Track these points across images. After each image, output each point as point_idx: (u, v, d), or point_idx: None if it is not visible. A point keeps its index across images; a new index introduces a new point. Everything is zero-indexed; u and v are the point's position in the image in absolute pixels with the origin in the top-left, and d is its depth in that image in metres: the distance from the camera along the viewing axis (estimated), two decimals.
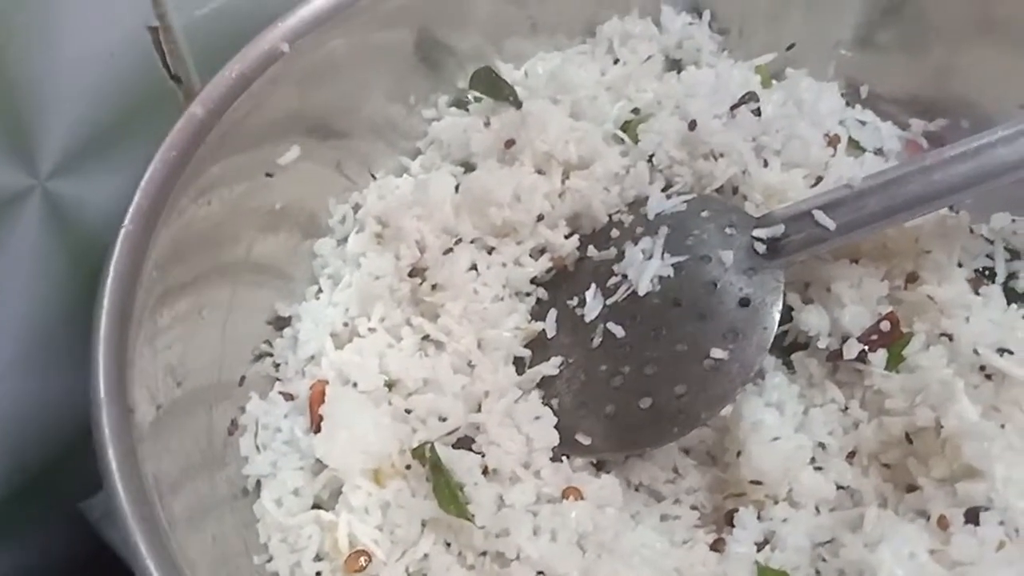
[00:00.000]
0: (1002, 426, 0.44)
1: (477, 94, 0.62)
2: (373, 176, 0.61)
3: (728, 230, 0.52)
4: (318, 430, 0.48)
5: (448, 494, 0.44)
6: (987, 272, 0.53)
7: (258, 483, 0.48)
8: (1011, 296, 0.52)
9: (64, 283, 0.54)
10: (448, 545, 0.45)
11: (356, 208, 0.59)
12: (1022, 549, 0.40)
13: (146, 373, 0.42)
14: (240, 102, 0.51)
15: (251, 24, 0.52)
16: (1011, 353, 0.46)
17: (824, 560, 0.45)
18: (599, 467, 0.50)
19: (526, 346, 0.53)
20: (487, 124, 0.60)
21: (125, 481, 0.37)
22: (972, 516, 0.41)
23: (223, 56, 0.51)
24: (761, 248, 0.51)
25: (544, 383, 0.52)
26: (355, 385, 0.50)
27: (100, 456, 0.38)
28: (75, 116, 0.50)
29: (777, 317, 0.49)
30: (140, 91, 0.53)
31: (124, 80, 0.52)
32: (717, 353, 0.48)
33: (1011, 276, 0.53)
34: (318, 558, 0.46)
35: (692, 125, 0.56)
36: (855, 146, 0.61)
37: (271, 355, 0.54)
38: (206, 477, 0.46)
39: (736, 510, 0.48)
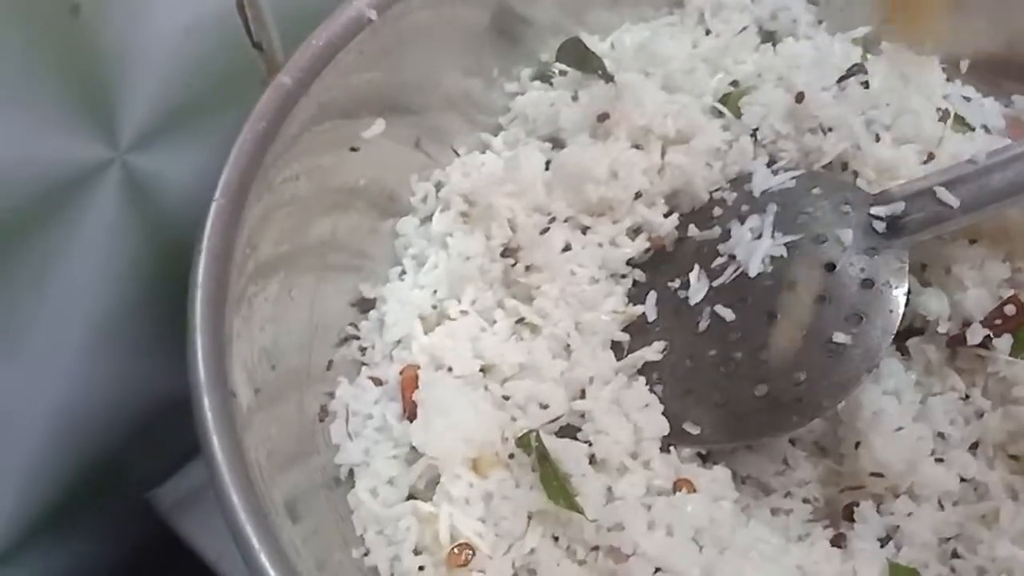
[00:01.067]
0: None
1: (563, 67, 0.59)
2: (456, 153, 0.58)
3: (844, 208, 0.49)
4: (412, 417, 0.45)
5: (556, 485, 0.42)
6: None
7: (351, 472, 0.46)
8: None
9: (142, 262, 0.51)
10: (556, 539, 0.43)
11: (439, 186, 0.57)
12: None
13: (244, 355, 0.40)
14: (327, 72, 0.48)
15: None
16: None
17: (959, 557, 0.42)
18: (705, 458, 0.48)
19: (624, 330, 0.51)
20: (575, 98, 0.57)
21: (232, 470, 0.35)
22: None
23: (307, 24, 0.49)
24: (880, 227, 0.48)
25: (646, 369, 0.49)
26: (450, 370, 0.47)
27: (204, 444, 0.35)
28: (158, 88, 0.48)
29: (903, 300, 0.46)
30: (221, 64, 0.51)
31: (206, 52, 0.50)
32: (839, 337, 0.45)
33: None
34: (417, 552, 0.43)
35: (800, 97, 0.53)
36: (961, 122, 0.57)
37: (357, 338, 0.51)
38: (301, 467, 0.43)
39: (856, 504, 0.45)
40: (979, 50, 0.61)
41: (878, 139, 0.53)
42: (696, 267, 0.51)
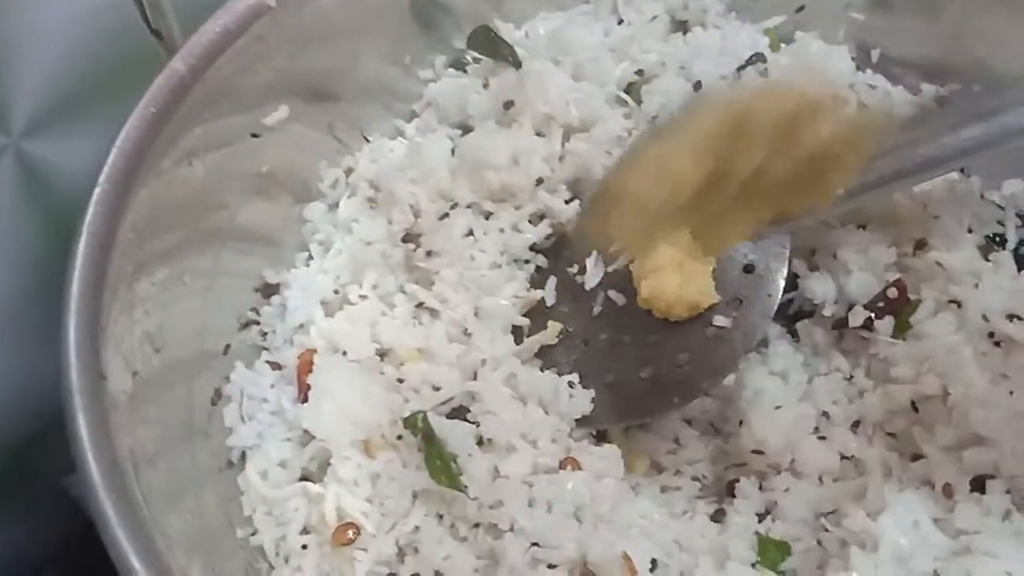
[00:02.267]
0: (1011, 393, 0.43)
1: (475, 54, 0.60)
2: (366, 139, 0.58)
3: None
4: (305, 400, 0.46)
5: (440, 465, 0.43)
6: (997, 238, 0.52)
7: (243, 455, 0.47)
8: (1021, 262, 0.51)
9: (39, 249, 0.51)
10: (440, 517, 0.44)
11: (348, 172, 0.57)
12: None
13: (121, 339, 0.40)
14: (224, 59, 0.48)
15: None
16: (1020, 319, 0.45)
17: (827, 530, 0.44)
18: (599, 438, 0.49)
19: (525, 315, 0.52)
20: (486, 85, 0.58)
21: (96, 451, 0.35)
22: (978, 484, 0.41)
23: (207, 10, 0.49)
24: None
25: (543, 352, 0.50)
26: (345, 354, 0.48)
27: (69, 424, 0.36)
28: (50, 73, 0.48)
29: (782, 284, 0.47)
30: (120, 49, 0.51)
31: (103, 37, 0.50)
32: (720, 321, 0.46)
33: (1022, 242, 0.52)
34: (305, 531, 0.44)
35: (697, 86, 0.54)
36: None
37: (258, 323, 0.52)
38: (187, 448, 0.44)
39: (737, 480, 0.47)
40: (895, 46, 0.62)
41: None
42: (594, 253, 0.52)
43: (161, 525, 0.36)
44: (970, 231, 0.51)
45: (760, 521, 0.45)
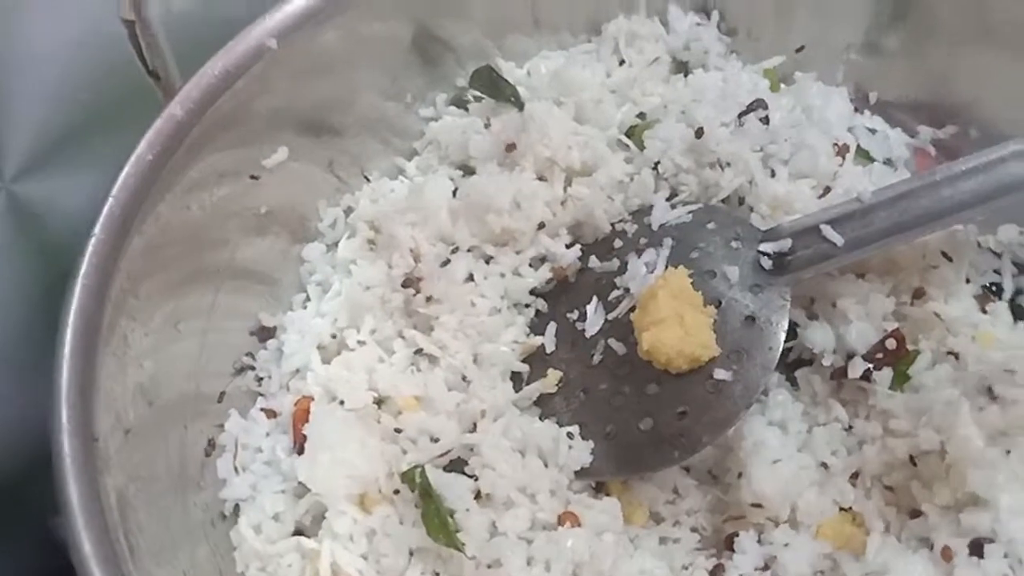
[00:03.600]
0: (1008, 452, 0.43)
1: (477, 93, 0.59)
2: (366, 178, 0.58)
3: (734, 243, 0.50)
4: (301, 451, 0.45)
5: (437, 522, 0.43)
6: (994, 288, 0.52)
7: (236, 508, 0.46)
8: (1017, 313, 0.51)
9: (30, 291, 0.51)
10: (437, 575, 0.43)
11: (348, 212, 0.57)
12: None
13: (113, 396, 0.40)
14: (223, 101, 0.48)
15: (237, 16, 0.49)
16: (1012, 373, 0.45)
17: None
18: (598, 488, 0.49)
19: (524, 360, 0.51)
20: (487, 125, 0.58)
21: (85, 514, 0.34)
22: (976, 548, 0.40)
23: (207, 51, 0.48)
24: (767, 264, 0.49)
25: (542, 400, 0.50)
26: (342, 403, 0.47)
27: (60, 488, 0.35)
28: (42, 114, 0.47)
29: (782, 337, 0.47)
30: (115, 88, 0.50)
31: (97, 77, 0.49)
32: (720, 374, 0.46)
33: (1018, 292, 0.52)
34: None
35: (699, 133, 0.54)
36: (864, 155, 0.59)
37: (254, 368, 0.51)
38: (179, 502, 0.43)
39: (736, 534, 0.47)
40: (892, 88, 0.63)
41: (773, 174, 0.54)
42: (594, 299, 0.51)
43: None
44: (968, 281, 0.52)
45: None
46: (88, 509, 0.35)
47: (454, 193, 0.55)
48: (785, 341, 0.50)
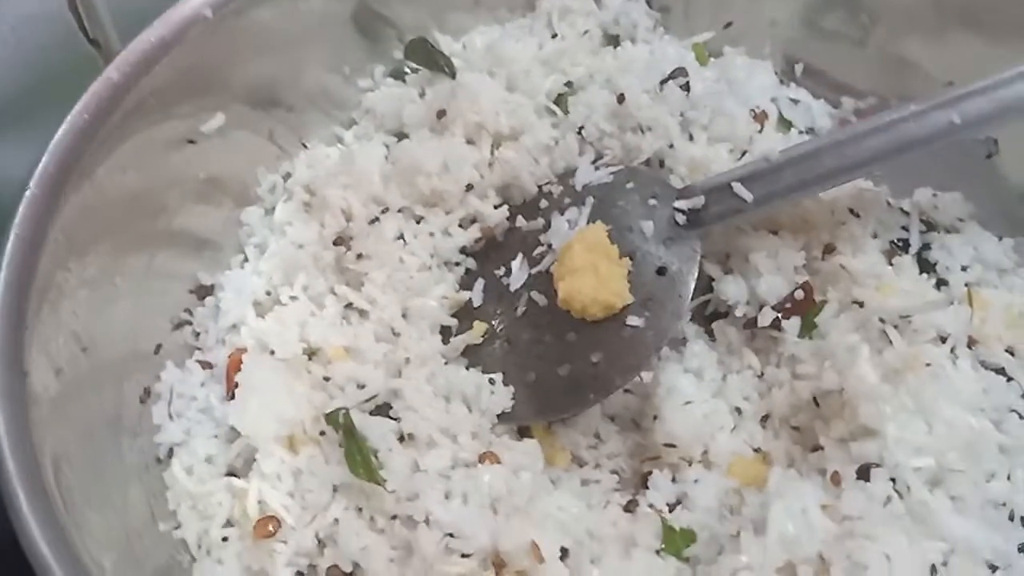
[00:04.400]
0: (897, 388, 0.46)
1: (413, 65, 0.62)
2: (304, 145, 0.60)
3: (651, 201, 0.53)
4: (233, 398, 0.47)
5: (359, 459, 0.45)
6: (901, 243, 0.55)
7: (171, 452, 0.48)
8: (923, 266, 0.54)
9: None
10: (360, 510, 0.45)
11: (286, 177, 0.59)
12: (908, 505, 0.41)
13: (47, 338, 0.42)
14: (160, 67, 0.50)
15: None
16: (908, 317, 0.48)
17: (727, 518, 0.46)
18: (523, 433, 0.51)
19: (453, 315, 0.53)
20: (422, 95, 0.60)
21: (14, 448, 0.36)
22: (863, 473, 0.43)
23: (146, 19, 0.50)
24: (682, 219, 0.52)
25: (469, 351, 0.52)
26: (273, 353, 0.49)
27: None
28: None
29: (692, 285, 0.50)
30: (57, 58, 0.52)
31: (37, 46, 0.51)
32: (633, 321, 0.49)
33: (926, 247, 0.54)
34: (228, 524, 0.45)
35: (620, 99, 0.56)
36: (784, 124, 0.62)
37: (191, 324, 0.53)
38: (113, 446, 0.45)
39: (651, 472, 0.49)
40: (821, 61, 0.65)
41: (692, 138, 0.56)
42: (519, 255, 0.54)
43: (77, 519, 0.38)
44: (875, 236, 0.54)
45: (671, 510, 0.47)
46: (18, 443, 0.36)
47: (386, 159, 0.57)
48: (703, 294, 0.53)
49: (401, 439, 0.47)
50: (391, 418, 0.47)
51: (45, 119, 0.52)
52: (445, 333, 0.53)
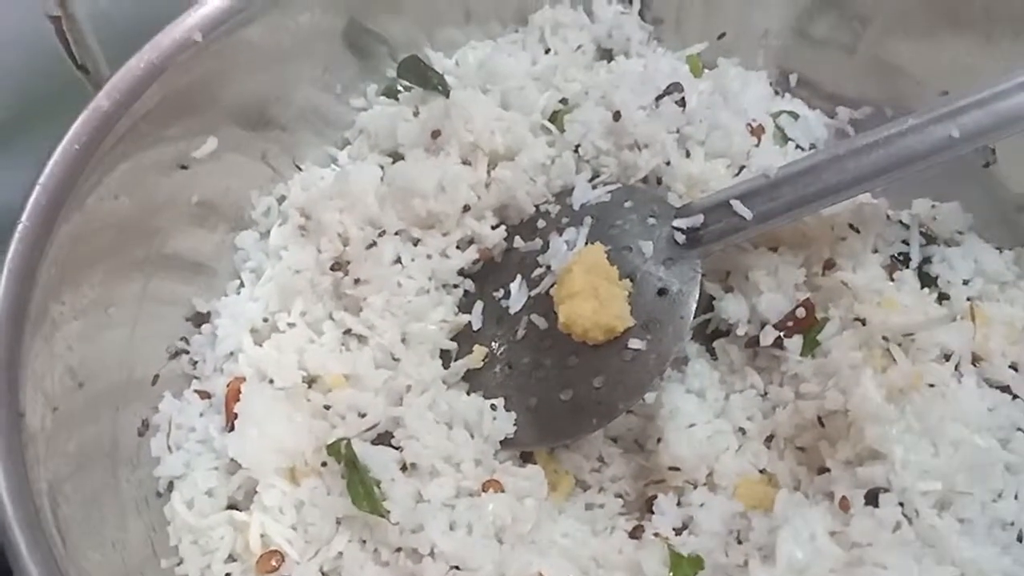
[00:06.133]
0: (904, 409, 0.45)
1: (406, 83, 0.61)
2: (299, 167, 0.60)
3: (650, 220, 0.52)
4: (233, 429, 0.47)
5: (362, 491, 0.44)
6: (902, 257, 0.54)
7: (170, 485, 0.47)
8: (925, 280, 0.53)
9: None
10: (364, 543, 0.45)
11: (281, 200, 0.58)
12: (918, 529, 0.41)
13: (41, 375, 0.41)
14: (150, 93, 0.49)
15: (165, 10, 0.50)
16: (911, 335, 0.47)
17: (739, 543, 0.46)
18: (525, 458, 0.50)
19: (453, 339, 0.53)
20: (416, 114, 0.59)
21: (11, 486, 0.36)
22: (871, 498, 0.43)
23: (135, 44, 0.50)
24: (681, 238, 0.51)
25: (469, 376, 0.52)
26: (272, 382, 0.49)
27: None
28: None
29: (693, 306, 0.49)
30: (44, 83, 0.51)
31: (25, 71, 0.50)
32: (635, 343, 0.48)
33: (926, 261, 0.54)
34: (231, 559, 0.45)
35: (616, 116, 0.56)
36: (781, 135, 0.62)
37: (188, 352, 0.52)
38: (111, 480, 0.44)
39: (655, 496, 0.49)
40: (815, 72, 0.65)
41: (689, 154, 0.56)
42: (518, 277, 0.53)
43: (78, 560, 0.37)
44: (876, 251, 0.54)
45: (678, 535, 0.47)
46: (13, 480, 0.36)
47: (381, 180, 0.56)
48: (704, 313, 0.53)
49: (403, 468, 0.46)
50: (393, 447, 0.47)
51: (32, 144, 0.51)
52: (445, 357, 0.53)
